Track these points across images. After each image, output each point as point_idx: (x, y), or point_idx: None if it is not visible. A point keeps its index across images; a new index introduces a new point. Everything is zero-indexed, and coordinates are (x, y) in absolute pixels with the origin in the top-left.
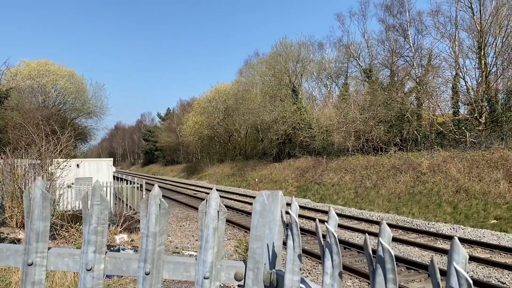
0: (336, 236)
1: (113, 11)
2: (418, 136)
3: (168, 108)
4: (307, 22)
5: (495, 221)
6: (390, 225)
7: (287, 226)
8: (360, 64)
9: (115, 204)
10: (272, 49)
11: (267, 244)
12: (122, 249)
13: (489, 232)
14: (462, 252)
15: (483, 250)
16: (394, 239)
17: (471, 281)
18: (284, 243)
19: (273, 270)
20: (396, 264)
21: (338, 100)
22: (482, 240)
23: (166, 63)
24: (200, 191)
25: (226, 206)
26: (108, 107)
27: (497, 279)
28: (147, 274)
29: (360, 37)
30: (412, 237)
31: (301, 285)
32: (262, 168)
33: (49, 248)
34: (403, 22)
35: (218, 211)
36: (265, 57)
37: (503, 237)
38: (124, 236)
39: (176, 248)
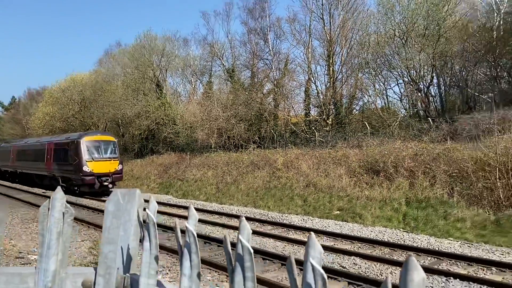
0: (195, 235)
1: None
2: (275, 134)
3: (13, 96)
4: (172, 15)
5: (338, 212)
6: (248, 218)
7: (144, 222)
8: (223, 64)
9: None
10: (136, 41)
11: (121, 247)
12: None
13: (333, 222)
14: (317, 248)
15: (328, 238)
16: (252, 232)
17: (325, 276)
18: (141, 241)
19: (127, 274)
20: (254, 256)
21: (202, 98)
22: (327, 230)
23: (11, 45)
24: (50, 190)
25: (78, 205)
26: None
27: (339, 264)
28: None
29: (224, 37)
30: (268, 229)
31: None
32: (123, 165)
33: None
34: (264, 26)
35: (63, 213)
36: (128, 48)
37: (345, 226)
38: None
39: (20, 252)
